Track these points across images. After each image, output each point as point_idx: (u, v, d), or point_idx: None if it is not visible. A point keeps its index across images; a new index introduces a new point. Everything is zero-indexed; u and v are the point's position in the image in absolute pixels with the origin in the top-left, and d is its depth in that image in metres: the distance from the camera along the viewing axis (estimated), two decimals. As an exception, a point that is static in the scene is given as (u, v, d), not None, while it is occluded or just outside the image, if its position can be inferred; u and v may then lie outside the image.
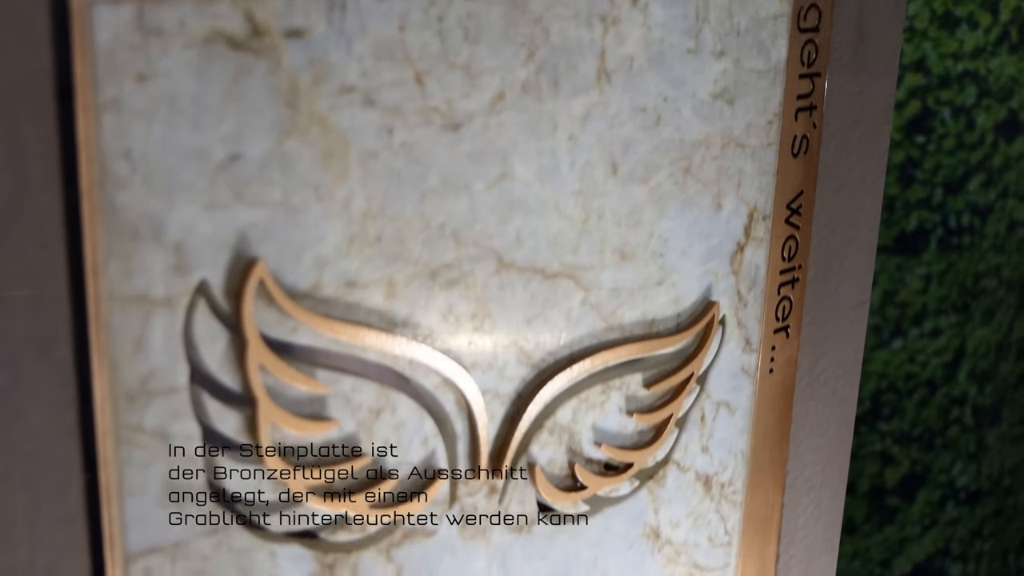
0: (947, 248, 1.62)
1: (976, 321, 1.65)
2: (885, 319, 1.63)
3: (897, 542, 1.72)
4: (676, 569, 0.68)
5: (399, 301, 0.50)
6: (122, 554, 0.44)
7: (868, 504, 1.70)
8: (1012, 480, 1.78)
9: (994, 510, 1.76)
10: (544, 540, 0.60)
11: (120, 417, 0.43)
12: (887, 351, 1.63)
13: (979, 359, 1.68)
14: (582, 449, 0.60)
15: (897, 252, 1.61)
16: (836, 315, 0.74)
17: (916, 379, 1.66)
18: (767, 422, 0.70)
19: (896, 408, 1.67)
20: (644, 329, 0.61)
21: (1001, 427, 1.74)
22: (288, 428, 0.48)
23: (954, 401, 1.69)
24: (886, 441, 1.68)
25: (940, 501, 1.73)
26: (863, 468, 1.68)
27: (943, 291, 1.63)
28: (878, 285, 1.61)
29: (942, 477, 1.71)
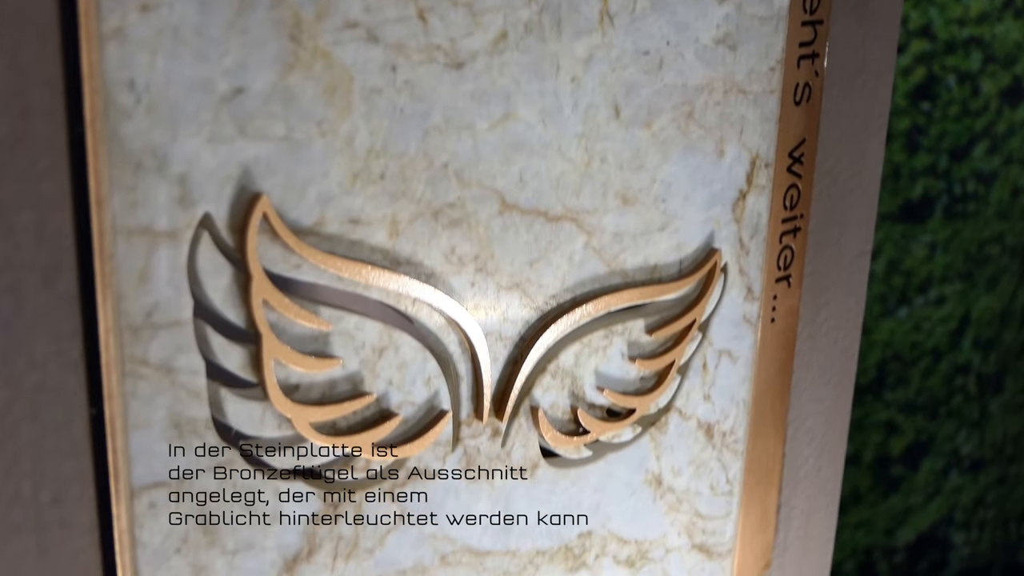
0: (952, 215, 1.62)
1: (980, 289, 1.65)
2: (890, 287, 1.63)
3: (901, 511, 1.73)
4: (678, 517, 0.68)
5: (402, 240, 0.50)
6: (127, 488, 0.45)
7: (873, 473, 1.71)
8: (1015, 448, 1.78)
9: (997, 478, 1.77)
10: (547, 484, 0.60)
11: (125, 350, 0.43)
12: (892, 320, 1.64)
13: (983, 327, 1.68)
14: (584, 394, 0.60)
15: (902, 220, 1.61)
16: (838, 265, 0.74)
17: (921, 348, 1.66)
18: (769, 371, 0.70)
19: (901, 377, 1.67)
20: (646, 275, 0.61)
21: (1004, 395, 1.74)
22: (292, 365, 0.48)
23: (958, 369, 1.69)
24: (891, 410, 1.68)
25: (944, 470, 1.73)
26: (868, 438, 1.69)
27: (948, 259, 1.63)
28: (883, 253, 1.61)
29: (946, 446, 1.72)
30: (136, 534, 0.45)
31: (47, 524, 0.43)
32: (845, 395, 0.79)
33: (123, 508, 0.45)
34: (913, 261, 1.62)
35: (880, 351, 1.64)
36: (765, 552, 0.75)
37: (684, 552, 0.69)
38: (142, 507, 0.45)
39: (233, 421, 0.47)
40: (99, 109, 0.41)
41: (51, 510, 0.43)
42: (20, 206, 0.40)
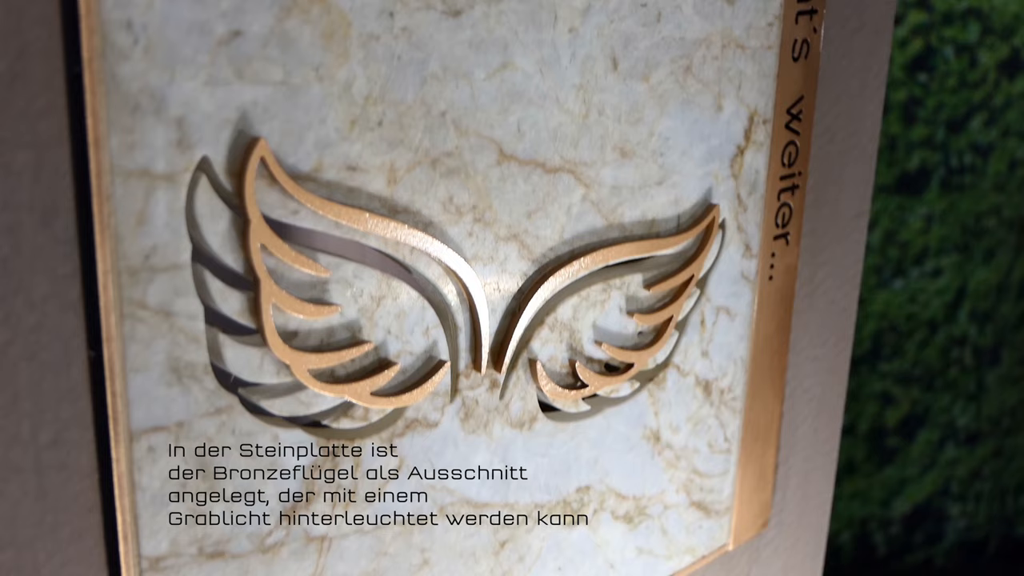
0: (948, 188, 1.62)
1: (977, 261, 1.65)
2: (886, 259, 1.63)
3: (897, 482, 1.73)
4: (676, 474, 0.68)
5: (400, 188, 0.50)
6: (126, 431, 0.45)
7: (868, 444, 1.71)
8: (1011, 421, 1.78)
9: (993, 451, 1.77)
10: (545, 438, 0.60)
11: (123, 292, 0.43)
12: (888, 291, 1.64)
13: (979, 299, 1.68)
14: (583, 347, 0.60)
15: (899, 192, 1.61)
16: (836, 225, 0.74)
17: (917, 319, 1.66)
18: (767, 329, 0.71)
19: (897, 348, 1.67)
20: (644, 229, 0.61)
21: (1001, 368, 1.74)
22: (290, 311, 0.48)
23: (954, 341, 1.69)
24: (886, 381, 1.68)
25: (940, 442, 1.73)
26: (863, 409, 1.69)
27: (944, 231, 1.63)
28: (879, 225, 1.61)
29: (942, 418, 1.72)
30: (135, 478, 0.45)
31: (46, 466, 0.43)
32: (843, 356, 0.79)
33: (122, 452, 0.45)
34: (909, 233, 1.62)
35: (876, 322, 1.65)
36: (763, 511, 0.75)
37: (682, 509, 0.69)
38: (141, 451, 0.45)
39: (232, 367, 0.47)
40: (96, 49, 0.41)
41: (50, 452, 0.43)
42: (18, 145, 0.40)
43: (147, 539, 0.46)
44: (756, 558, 0.79)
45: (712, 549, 0.73)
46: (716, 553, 0.73)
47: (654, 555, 0.69)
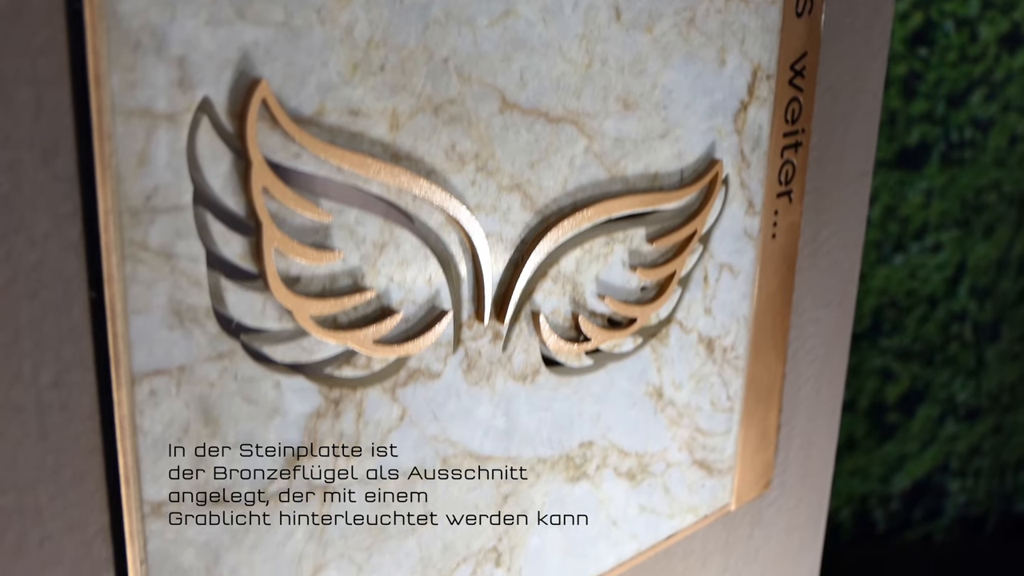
0: (949, 162, 1.62)
1: (977, 236, 1.65)
2: (886, 234, 1.63)
3: (897, 458, 1.73)
4: (679, 432, 0.68)
5: (402, 134, 0.50)
6: (128, 374, 0.44)
7: (868, 420, 1.71)
8: (1011, 397, 1.78)
9: (993, 427, 1.77)
10: (548, 392, 0.60)
11: (124, 233, 0.43)
12: (888, 267, 1.63)
13: (979, 275, 1.68)
14: (585, 301, 0.60)
15: (899, 166, 1.61)
16: (839, 184, 0.74)
17: (916, 295, 1.66)
18: (769, 288, 0.70)
19: (897, 324, 1.67)
20: (647, 183, 0.61)
21: (1001, 344, 1.74)
22: (292, 255, 0.47)
23: (954, 317, 1.69)
24: (886, 357, 1.68)
25: (940, 417, 1.73)
26: (863, 384, 1.69)
27: (944, 206, 1.63)
28: (879, 200, 1.61)
29: (942, 393, 1.72)
30: (137, 421, 0.45)
31: (48, 406, 0.43)
32: (846, 317, 0.79)
33: (124, 394, 0.44)
34: (909, 208, 1.62)
35: (876, 298, 1.64)
36: (765, 471, 0.75)
37: (685, 467, 0.69)
38: (143, 394, 0.45)
39: (234, 312, 0.47)
40: (97, -16, 0.41)
41: (51, 392, 0.43)
42: (18, 81, 0.40)
43: (149, 483, 0.46)
44: (758, 519, 0.78)
45: (714, 509, 0.73)
46: (718, 513, 0.73)
47: (656, 513, 0.69)
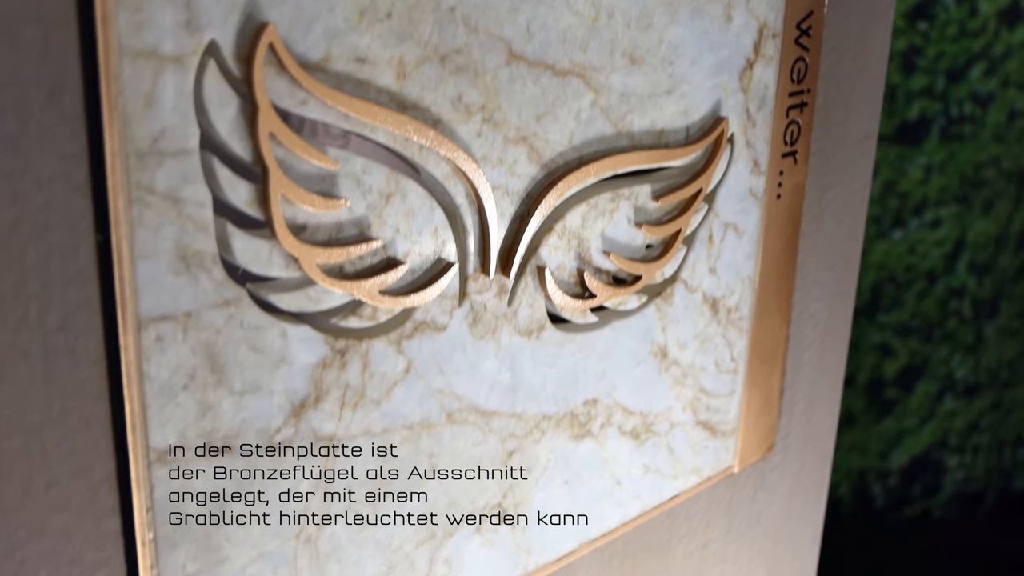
0: (948, 138, 1.61)
1: (976, 212, 1.65)
2: (885, 209, 1.63)
3: (895, 434, 1.73)
4: (683, 392, 0.68)
5: (409, 83, 0.50)
6: (134, 319, 0.44)
7: (867, 396, 1.71)
8: (1009, 374, 1.79)
9: (991, 403, 1.77)
10: (553, 348, 0.60)
11: (131, 175, 0.43)
12: (887, 242, 1.63)
13: (978, 251, 1.67)
14: (591, 257, 0.60)
15: (898, 141, 1.60)
16: (844, 146, 0.74)
17: (915, 270, 1.66)
18: (774, 249, 0.70)
19: (895, 300, 1.67)
20: (653, 139, 0.61)
21: (999, 320, 1.74)
22: (298, 202, 0.47)
23: (953, 293, 1.69)
24: (885, 333, 1.68)
25: (938, 393, 1.73)
26: (862, 360, 1.69)
27: (944, 181, 1.62)
28: (878, 175, 1.61)
29: (940, 369, 1.72)
30: (144, 367, 0.45)
31: (54, 351, 0.43)
32: (850, 282, 0.78)
33: (130, 339, 0.44)
34: (909, 183, 1.62)
35: (875, 273, 1.64)
36: (769, 435, 0.75)
37: (688, 428, 0.69)
38: (149, 340, 0.45)
39: (240, 259, 0.47)
40: (104, -78, 0.40)
41: (58, 336, 0.43)
42: (25, 20, 0.39)
43: (155, 430, 0.46)
44: (761, 482, 0.78)
45: (718, 470, 0.73)
46: (722, 475, 0.73)
47: (660, 473, 0.68)
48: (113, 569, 0.47)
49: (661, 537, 0.71)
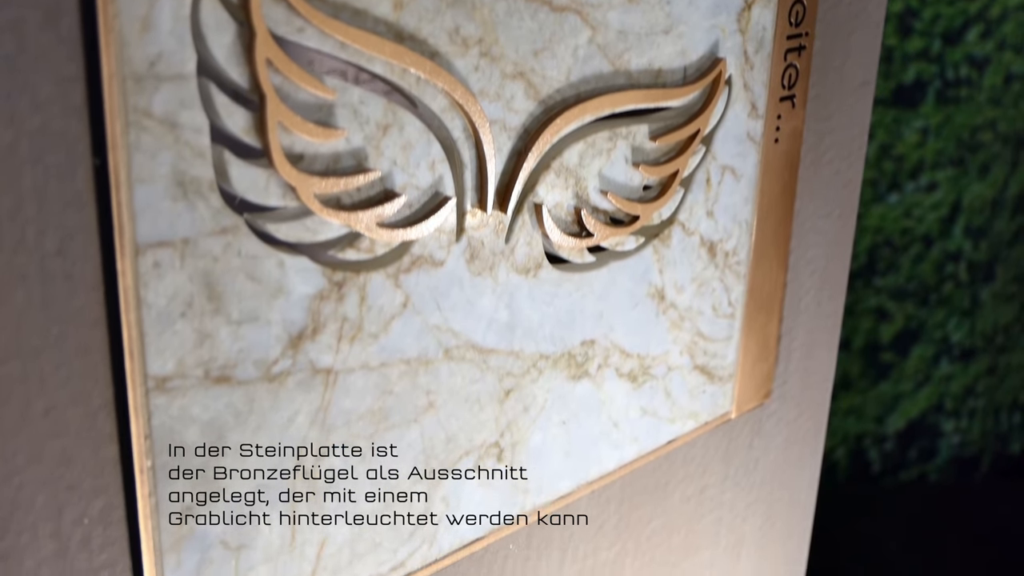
0: (945, 101, 1.61)
1: (972, 176, 1.65)
2: (882, 172, 1.63)
3: (891, 398, 1.74)
4: (680, 335, 0.68)
5: (406, 13, 0.49)
6: (131, 244, 0.44)
7: (863, 360, 1.71)
8: (1005, 338, 1.79)
9: (987, 368, 1.77)
10: (550, 287, 0.60)
11: (128, 99, 0.43)
12: (883, 205, 1.63)
13: (974, 215, 1.68)
14: (588, 196, 0.60)
15: (895, 104, 1.60)
16: (841, 91, 0.74)
17: (912, 234, 1.66)
18: (772, 193, 0.70)
19: (891, 263, 1.67)
20: (651, 78, 0.61)
21: (995, 284, 1.74)
22: (296, 131, 0.47)
23: (949, 257, 1.69)
24: (881, 296, 1.68)
25: (934, 357, 1.74)
26: (858, 324, 1.69)
27: (940, 144, 1.62)
28: (875, 138, 1.61)
29: (936, 333, 1.72)
30: (141, 293, 0.45)
31: (51, 275, 0.43)
32: (847, 229, 0.79)
33: (127, 265, 0.44)
34: (905, 146, 1.62)
35: (871, 237, 1.64)
36: (765, 381, 0.75)
37: (686, 372, 0.69)
38: (146, 265, 0.45)
39: (238, 188, 0.47)
40: None
41: (55, 260, 0.42)
42: (20, -62, 0.39)
43: (153, 357, 0.46)
44: (758, 429, 0.79)
45: (715, 416, 0.73)
46: (719, 420, 0.73)
47: (658, 417, 0.69)
48: (111, 497, 0.47)
49: (658, 481, 0.72)
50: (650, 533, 0.73)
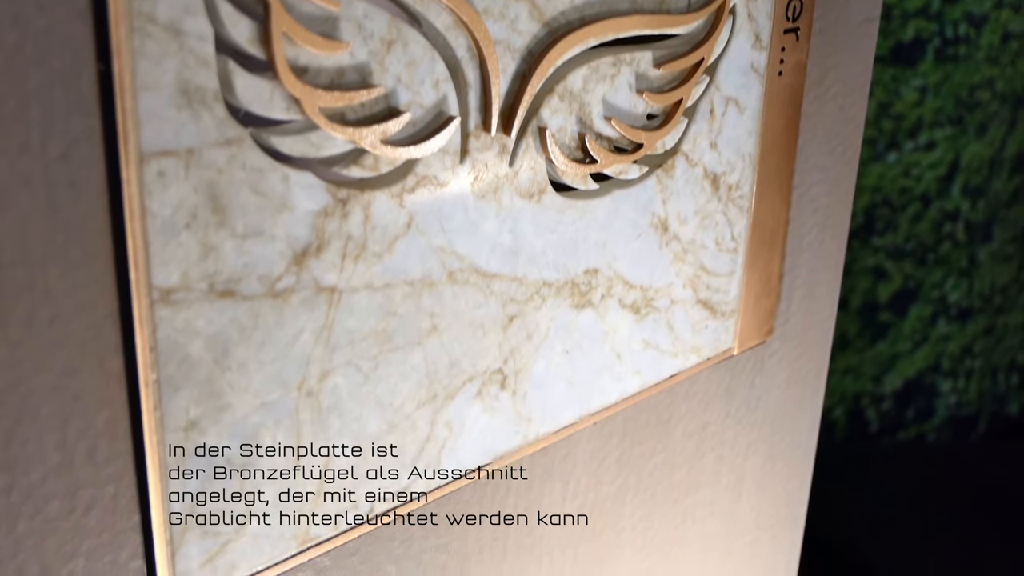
0: (943, 59, 1.61)
1: (971, 135, 1.65)
2: (880, 131, 1.63)
3: (888, 358, 1.74)
4: (683, 268, 0.68)
5: (411, -73, 0.49)
6: (136, 151, 0.44)
7: (860, 319, 1.71)
8: (1003, 299, 1.79)
9: (984, 328, 1.78)
10: (554, 213, 0.60)
11: (132, 3, 0.42)
12: (882, 164, 1.63)
13: (972, 174, 1.67)
14: (592, 122, 0.60)
15: (893, 62, 1.60)
16: (846, 27, 0.74)
17: (910, 193, 1.66)
18: (775, 127, 0.70)
19: (890, 223, 1.67)
20: (655, 4, 0.60)
21: (992, 244, 1.74)
22: (300, 42, 0.47)
23: (947, 216, 1.69)
24: (879, 256, 1.68)
25: (932, 317, 1.74)
26: (856, 283, 1.69)
27: (939, 103, 1.62)
28: (873, 96, 1.60)
29: (934, 293, 1.72)
30: (146, 203, 0.44)
31: (56, 181, 0.42)
32: (850, 168, 0.78)
33: (132, 173, 0.44)
34: (903, 105, 1.61)
35: (869, 196, 1.64)
36: (768, 319, 0.75)
37: (688, 306, 0.69)
38: (151, 174, 0.44)
39: (242, 99, 0.46)
40: None
41: (59, 167, 0.42)
42: None
43: (158, 268, 0.46)
44: (760, 367, 0.79)
45: (717, 352, 0.73)
46: (721, 356, 0.73)
47: (660, 350, 0.69)
48: (116, 409, 0.47)
49: (660, 416, 0.72)
50: (651, 468, 0.73)
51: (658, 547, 0.77)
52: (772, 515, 0.87)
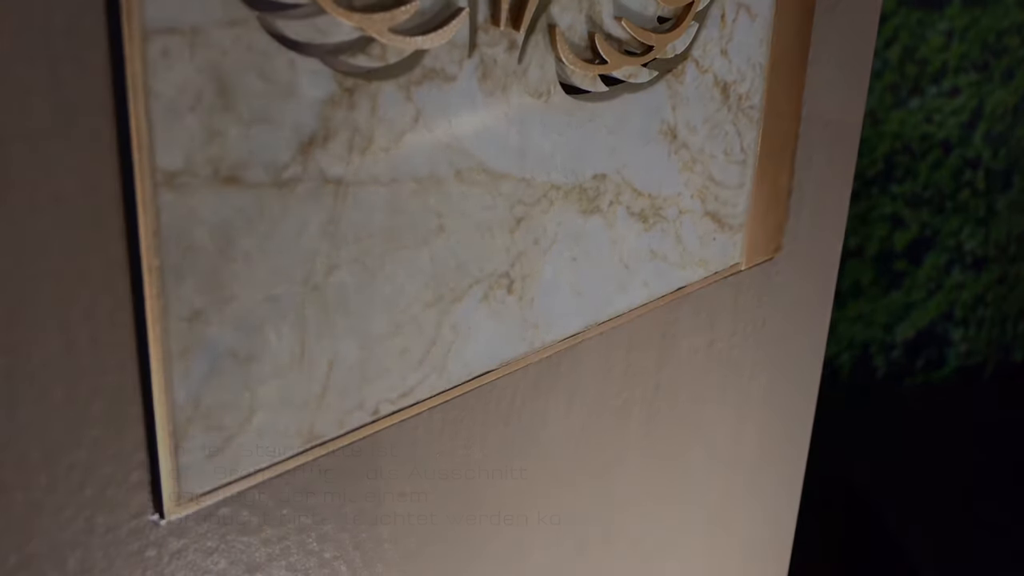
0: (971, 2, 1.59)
1: (996, 81, 1.63)
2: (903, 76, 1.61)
3: (902, 306, 1.73)
4: (692, 177, 0.67)
5: None
6: (140, 28, 0.43)
7: (875, 267, 1.71)
8: (1018, 248, 1.78)
9: (998, 277, 1.77)
10: (563, 115, 0.59)
11: None
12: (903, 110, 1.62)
13: (995, 121, 1.66)
14: (602, 21, 0.59)
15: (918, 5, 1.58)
16: (860, -60, 0.73)
17: (931, 140, 1.65)
18: (786, 37, 0.69)
19: (909, 170, 1.66)
20: (667, -94, 0.60)
21: (1012, 193, 1.73)
22: (306, -76, 0.46)
23: (967, 163, 1.68)
24: (897, 203, 1.67)
25: (946, 266, 1.73)
26: (872, 231, 1.68)
27: (964, 48, 1.60)
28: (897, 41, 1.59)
29: (950, 241, 1.71)
30: (149, 82, 0.44)
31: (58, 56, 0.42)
32: (861, 85, 0.78)
33: (136, 50, 0.44)
34: (928, 49, 1.60)
35: (889, 142, 1.63)
36: (776, 235, 0.75)
37: (696, 217, 0.69)
38: (155, 53, 0.44)
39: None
40: None
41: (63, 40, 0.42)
42: None
43: (162, 150, 0.45)
44: (767, 284, 0.78)
45: (725, 265, 0.72)
46: (728, 271, 0.73)
47: (667, 261, 0.68)
48: (119, 296, 0.47)
49: (667, 330, 0.72)
50: (657, 383, 0.73)
51: (662, 464, 0.77)
52: (777, 436, 0.87)
